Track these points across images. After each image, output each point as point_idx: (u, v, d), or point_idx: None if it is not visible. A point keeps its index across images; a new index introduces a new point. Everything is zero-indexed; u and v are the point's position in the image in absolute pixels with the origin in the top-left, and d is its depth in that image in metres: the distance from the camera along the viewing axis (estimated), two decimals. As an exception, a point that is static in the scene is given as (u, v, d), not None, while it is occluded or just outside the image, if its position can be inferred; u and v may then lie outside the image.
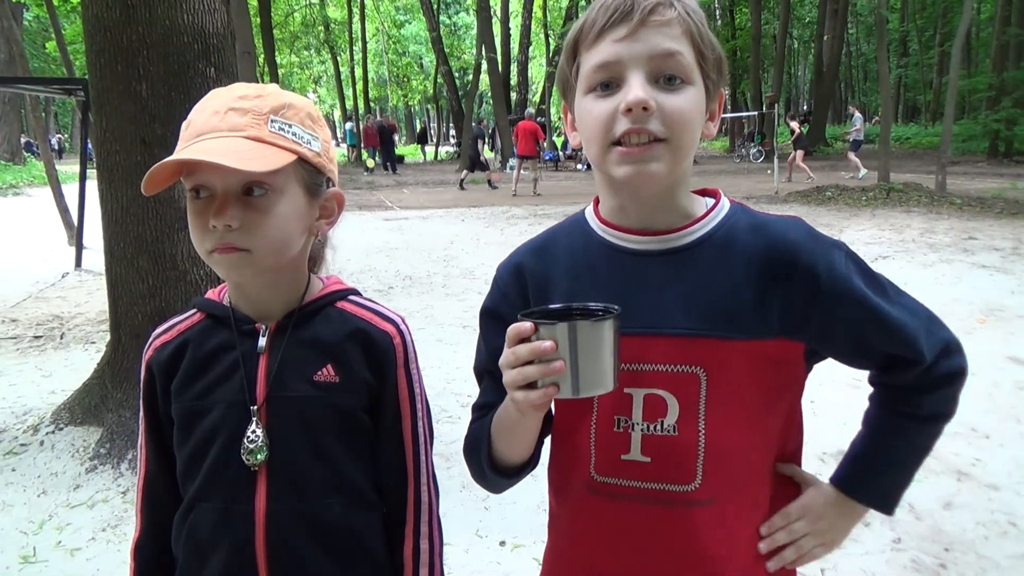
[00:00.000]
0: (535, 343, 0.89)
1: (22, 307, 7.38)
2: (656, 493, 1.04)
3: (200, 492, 1.14)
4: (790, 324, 1.02)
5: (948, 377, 1.09)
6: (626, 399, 1.04)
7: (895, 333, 1.04)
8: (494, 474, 1.12)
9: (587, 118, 1.02)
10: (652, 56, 0.97)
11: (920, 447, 1.13)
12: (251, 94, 1.09)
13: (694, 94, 0.99)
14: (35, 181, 23.95)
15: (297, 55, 38.54)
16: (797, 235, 1.05)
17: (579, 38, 1.03)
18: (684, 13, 0.99)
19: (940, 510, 3.16)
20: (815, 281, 1.01)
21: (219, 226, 1.03)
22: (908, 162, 22.92)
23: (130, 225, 3.63)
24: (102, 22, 3.49)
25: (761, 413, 1.06)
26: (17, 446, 3.89)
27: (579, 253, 1.11)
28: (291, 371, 1.14)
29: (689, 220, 1.07)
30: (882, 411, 1.14)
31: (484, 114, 54.17)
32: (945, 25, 33.42)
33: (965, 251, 8.80)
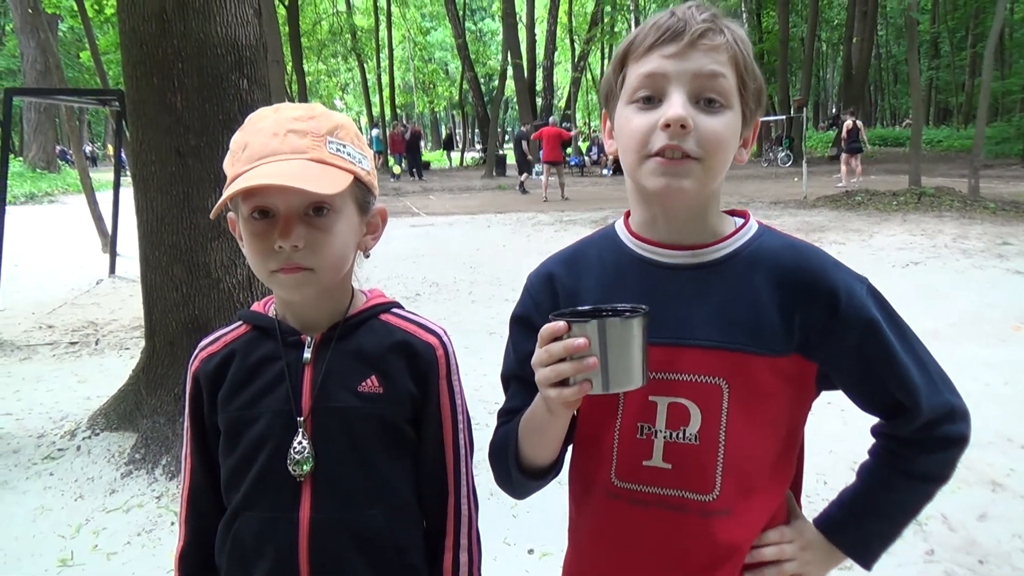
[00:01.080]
0: (569, 340, 0.93)
1: (58, 313, 7.53)
2: (675, 500, 1.07)
3: (245, 501, 1.16)
4: (807, 343, 1.05)
5: (947, 441, 1.09)
6: (651, 407, 1.07)
7: (899, 375, 1.06)
8: (520, 476, 1.14)
9: (626, 128, 1.05)
10: (696, 75, 1.00)
11: (908, 506, 1.13)
12: (304, 115, 1.11)
13: (731, 119, 1.03)
14: (69, 189, 24.42)
15: (324, 63, 38.90)
16: (823, 259, 1.09)
17: (628, 51, 1.06)
18: (732, 41, 1.02)
19: (974, 521, 3.11)
20: (835, 303, 1.04)
21: (286, 247, 1.06)
22: (940, 165, 22.58)
23: (165, 234, 3.70)
24: (138, 35, 3.57)
25: (779, 429, 1.09)
26: (55, 451, 3.97)
27: (609, 265, 1.14)
28: (336, 382, 1.16)
29: (718, 237, 1.10)
30: (877, 463, 1.15)
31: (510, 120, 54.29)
32: (977, 26, 32.93)
33: (999, 256, 8.65)
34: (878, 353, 1.06)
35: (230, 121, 3.65)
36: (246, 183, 1.03)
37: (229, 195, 1.04)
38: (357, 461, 1.15)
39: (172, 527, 3.25)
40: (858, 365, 1.07)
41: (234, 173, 1.08)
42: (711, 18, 1.02)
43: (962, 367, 4.94)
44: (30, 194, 21.45)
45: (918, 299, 6.69)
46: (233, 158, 1.10)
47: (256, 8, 3.78)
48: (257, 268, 1.12)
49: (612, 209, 15.13)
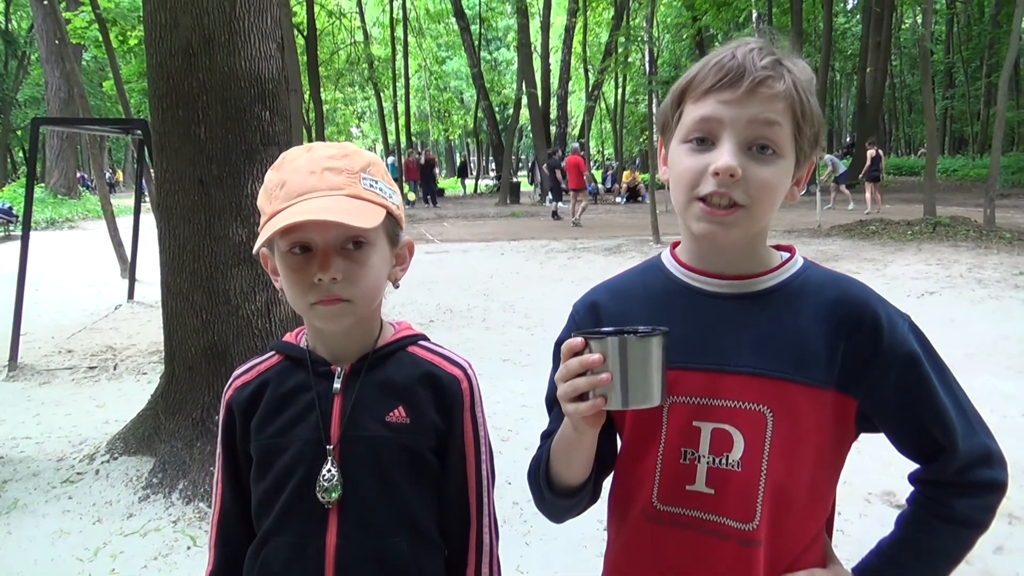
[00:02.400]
0: (584, 356, 0.96)
1: (77, 338, 7.62)
2: (716, 526, 1.08)
3: (274, 527, 1.19)
4: (847, 377, 1.06)
5: (984, 486, 1.09)
6: (694, 432, 1.08)
7: (937, 413, 1.07)
8: (550, 494, 1.16)
9: (678, 167, 1.08)
10: (750, 123, 1.02)
11: (947, 553, 1.11)
12: (338, 154, 1.17)
13: (783, 166, 1.05)
14: (89, 215, 24.76)
15: (341, 91, 39.39)
16: (868, 294, 1.11)
17: (687, 88, 1.08)
18: (792, 87, 1.03)
19: (991, 555, 3.09)
20: (877, 337, 1.06)
21: (326, 279, 1.10)
22: (955, 195, 22.51)
23: (186, 261, 3.77)
24: (165, 69, 3.67)
25: (819, 463, 1.09)
26: (74, 475, 4.02)
27: (656, 293, 1.17)
28: (364, 411, 1.19)
29: (765, 269, 1.13)
30: (915, 510, 1.14)
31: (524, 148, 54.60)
32: (992, 56, 32.95)
33: (1016, 287, 8.60)
34: (917, 389, 1.06)
35: (252, 152, 3.73)
36: (292, 219, 1.07)
37: (274, 231, 1.08)
38: (383, 489, 1.18)
39: (189, 551, 3.28)
40: (897, 400, 1.07)
41: (272, 210, 1.12)
42: (772, 65, 1.03)
43: (979, 398, 4.86)
44: (51, 220, 21.76)
45: (934, 329, 6.59)
46: (269, 196, 1.14)
47: (279, 43, 3.88)
48: (296, 301, 1.16)
49: (625, 237, 15.17)
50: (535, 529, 3.40)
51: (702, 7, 31.88)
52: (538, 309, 8.21)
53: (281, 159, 1.18)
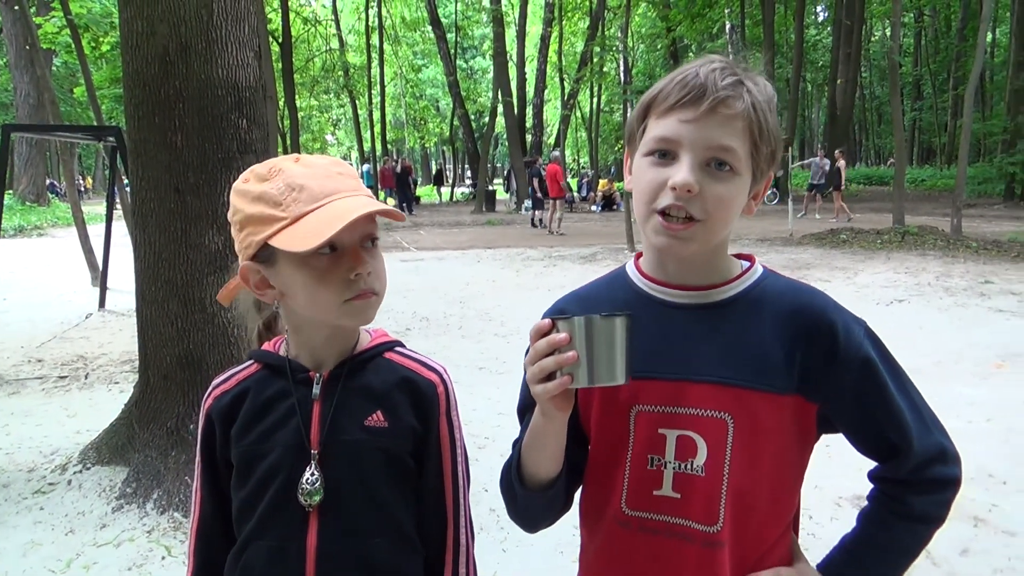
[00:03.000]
0: (551, 336, 1.00)
1: (47, 347, 7.51)
2: (681, 528, 1.12)
3: (255, 531, 1.20)
4: (806, 382, 1.10)
5: (940, 482, 1.14)
6: (660, 439, 1.12)
7: (893, 415, 1.12)
8: (523, 490, 1.18)
9: (641, 179, 1.12)
10: (708, 146, 1.06)
11: (906, 547, 1.17)
12: (332, 162, 1.21)
13: (739, 183, 1.09)
14: (59, 222, 24.39)
15: (317, 99, 39.23)
16: (825, 301, 1.15)
17: (652, 103, 1.12)
18: (751, 108, 1.07)
19: (957, 556, 3.16)
20: (834, 344, 1.10)
21: (364, 273, 1.14)
22: (923, 204, 22.93)
23: (162, 270, 3.75)
24: (141, 77, 3.66)
25: (780, 466, 1.14)
26: (45, 485, 3.97)
27: (621, 303, 1.18)
28: (344, 416, 1.21)
29: (726, 279, 1.17)
30: (875, 507, 1.19)
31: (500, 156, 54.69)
32: (958, 69, 33.65)
33: (982, 295, 8.79)
34: (873, 392, 1.11)
35: (229, 159, 3.73)
36: (360, 209, 1.10)
37: (349, 221, 1.08)
38: (363, 492, 1.21)
39: (164, 561, 3.26)
40: (854, 404, 1.12)
41: (296, 213, 1.12)
42: (733, 85, 1.06)
43: (946, 404, 5.01)
44: (19, 227, 21.41)
45: (902, 336, 6.78)
46: (281, 202, 1.13)
47: (256, 51, 3.88)
48: (326, 301, 1.15)
49: (601, 245, 15.27)
50: (512, 536, 3.42)
51: (676, 18, 32.23)
52: (514, 317, 8.24)
53: (268, 169, 1.17)
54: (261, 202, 1.14)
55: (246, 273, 1.22)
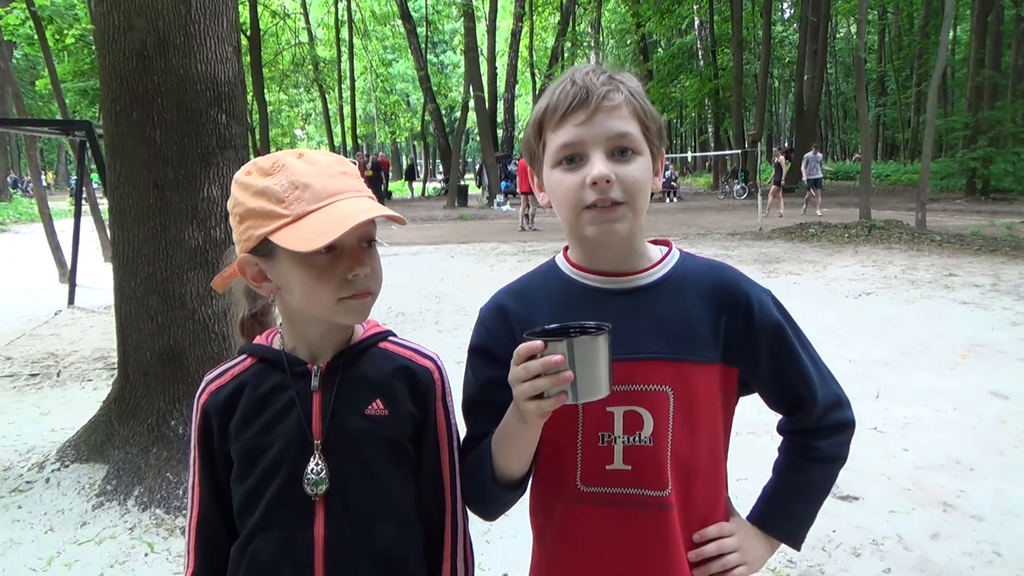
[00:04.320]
0: (546, 357, 1.03)
1: (16, 345, 7.40)
2: (636, 498, 1.21)
3: (261, 523, 1.22)
4: (729, 350, 1.23)
5: (839, 426, 1.31)
6: (608, 416, 1.20)
7: (800, 372, 1.27)
8: (497, 489, 1.23)
9: (558, 189, 1.20)
10: (608, 137, 1.16)
11: (819, 487, 1.34)
12: (335, 160, 1.22)
13: (643, 162, 1.19)
14: (22, 218, 23.93)
15: (286, 93, 38.85)
16: (738, 275, 1.29)
17: (543, 119, 1.22)
18: (629, 95, 1.19)
19: (928, 541, 3.26)
20: (749, 313, 1.24)
21: (362, 274, 1.16)
22: (888, 199, 23.35)
23: (141, 265, 3.73)
24: (119, 71, 3.63)
25: (713, 430, 1.25)
26: (23, 483, 3.93)
27: (556, 296, 1.27)
28: (344, 406, 1.23)
29: (649, 263, 1.27)
30: (787, 456, 1.35)
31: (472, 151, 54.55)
32: (921, 66, 34.25)
33: (946, 288, 9.01)
34: (784, 354, 1.26)
35: (208, 155, 3.71)
36: (365, 214, 1.12)
37: (352, 226, 1.10)
38: (367, 480, 1.23)
39: (147, 558, 3.25)
40: (768, 364, 1.26)
41: (298, 212, 1.13)
42: (608, 80, 1.18)
43: (914, 394, 5.15)
44: (-19, 223, 20.99)
45: (871, 329, 6.94)
46: (283, 199, 1.14)
47: (235, 46, 3.86)
48: (322, 298, 1.17)
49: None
50: (495, 527, 3.46)
51: (646, 14, 32.43)
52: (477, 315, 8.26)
53: (272, 164, 1.18)
54: (263, 197, 1.15)
55: (243, 265, 1.23)
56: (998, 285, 9.06)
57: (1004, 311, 7.68)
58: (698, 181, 42.86)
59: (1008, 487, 3.74)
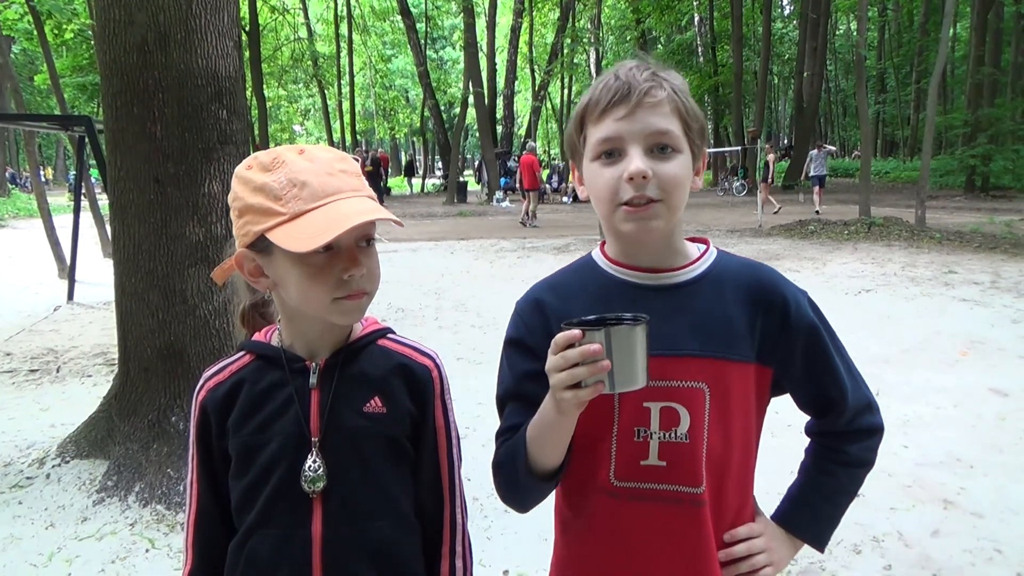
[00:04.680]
0: (584, 347, 1.02)
1: (15, 341, 7.39)
2: (670, 494, 1.20)
3: (259, 520, 1.21)
4: (764, 350, 1.23)
5: (868, 431, 1.32)
6: (645, 412, 1.20)
7: (832, 374, 1.27)
8: (531, 480, 1.22)
9: (597, 182, 1.21)
10: (648, 133, 1.16)
11: (845, 490, 1.34)
12: (336, 157, 1.20)
13: (683, 160, 1.19)
14: (20, 213, 23.89)
15: (285, 89, 38.78)
16: (775, 275, 1.29)
17: (585, 113, 1.22)
18: (672, 92, 1.19)
19: (928, 538, 3.26)
20: (786, 313, 1.24)
21: (357, 275, 1.15)
22: (888, 196, 23.34)
23: (142, 261, 3.72)
24: (119, 66, 3.62)
25: (746, 428, 1.25)
26: (23, 479, 3.92)
27: (593, 291, 1.27)
28: (343, 404, 1.23)
29: (686, 261, 1.27)
30: (815, 458, 1.36)
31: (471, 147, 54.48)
32: (921, 63, 34.24)
33: (946, 285, 9.01)
34: (818, 355, 1.26)
35: (209, 150, 3.70)
36: (361, 216, 1.11)
37: (348, 228, 1.09)
38: (365, 477, 1.23)
39: (148, 554, 3.25)
40: (802, 365, 1.26)
41: (295, 211, 1.12)
42: (651, 77, 1.18)
43: (914, 391, 5.15)
44: (-20, 218, 20.96)
45: (870, 326, 6.94)
46: (279, 197, 1.13)
47: (236, 41, 3.85)
48: (317, 297, 1.16)
49: (574, 236, 15.34)
50: (495, 524, 3.46)
51: (646, 10, 32.38)
52: (490, 308, 8.26)
53: (272, 159, 1.17)
54: (262, 193, 1.14)
55: (241, 260, 1.22)
56: (998, 282, 9.06)
57: (1004, 308, 7.68)
58: (697, 178, 42.79)
59: (1008, 484, 3.74)
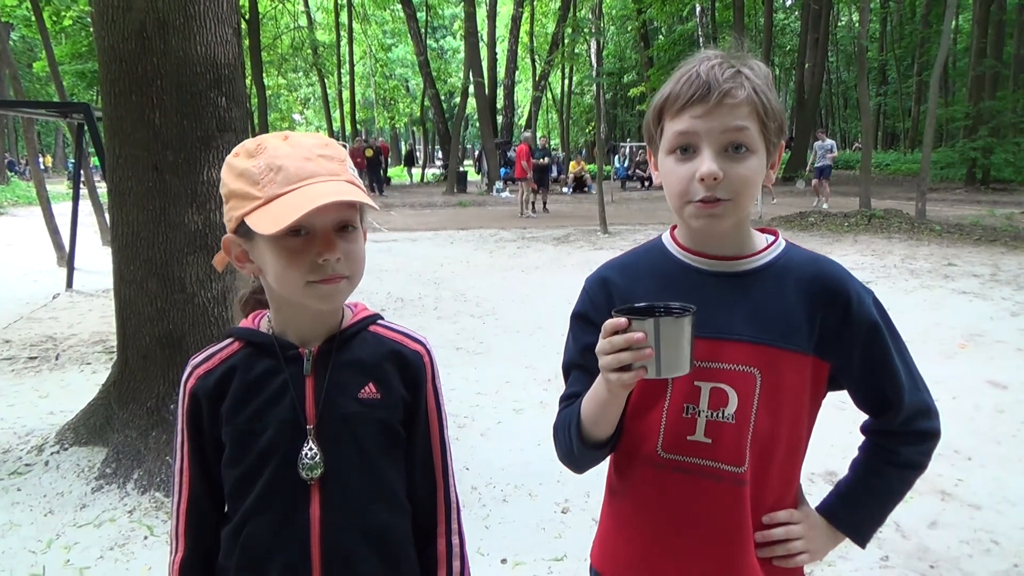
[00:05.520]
0: (630, 334, 1.08)
1: (14, 328, 7.38)
2: (712, 470, 1.24)
3: (256, 506, 1.22)
4: (823, 343, 1.24)
5: (923, 434, 1.31)
6: (695, 390, 1.24)
7: (891, 374, 1.27)
8: (583, 448, 1.29)
9: (670, 177, 1.24)
10: (723, 132, 1.18)
11: (894, 491, 1.33)
12: (320, 143, 1.20)
13: (756, 161, 1.21)
14: (19, 200, 23.84)
15: (285, 77, 38.66)
16: (840, 272, 1.29)
17: (664, 106, 1.23)
18: (752, 92, 1.18)
19: (925, 529, 3.27)
20: (848, 309, 1.24)
21: (332, 260, 1.14)
22: (888, 188, 23.32)
23: (140, 249, 3.71)
24: (117, 53, 3.60)
25: (796, 417, 1.27)
26: (22, 466, 3.93)
27: (659, 272, 1.32)
28: (338, 391, 1.24)
29: (754, 250, 1.29)
30: (867, 456, 1.35)
31: (471, 137, 54.39)
32: (923, 55, 34.13)
33: (945, 277, 9.01)
34: (877, 354, 1.26)
35: (208, 138, 3.69)
36: (320, 200, 1.09)
37: (304, 213, 1.08)
38: (361, 462, 1.24)
39: (146, 541, 3.25)
40: (861, 363, 1.26)
41: (270, 195, 1.12)
42: (732, 76, 1.18)
43: (912, 383, 5.16)
44: (-22, 206, 20.93)
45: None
46: (257, 181, 1.14)
47: (235, 28, 3.83)
48: (291, 281, 1.16)
49: (573, 227, 15.33)
50: (494, 513, 3.47)
51: (647, 0, 32.23)
52: (489, 298, 8.26)
53: (256, 146, 1.18)
54: (243, 179, 1.16)
55: (228, 245, 1.24)
56: (997, 275, 9.07)
57: (1003, 301, 7.69)
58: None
59: (1005, 476, 3.75)
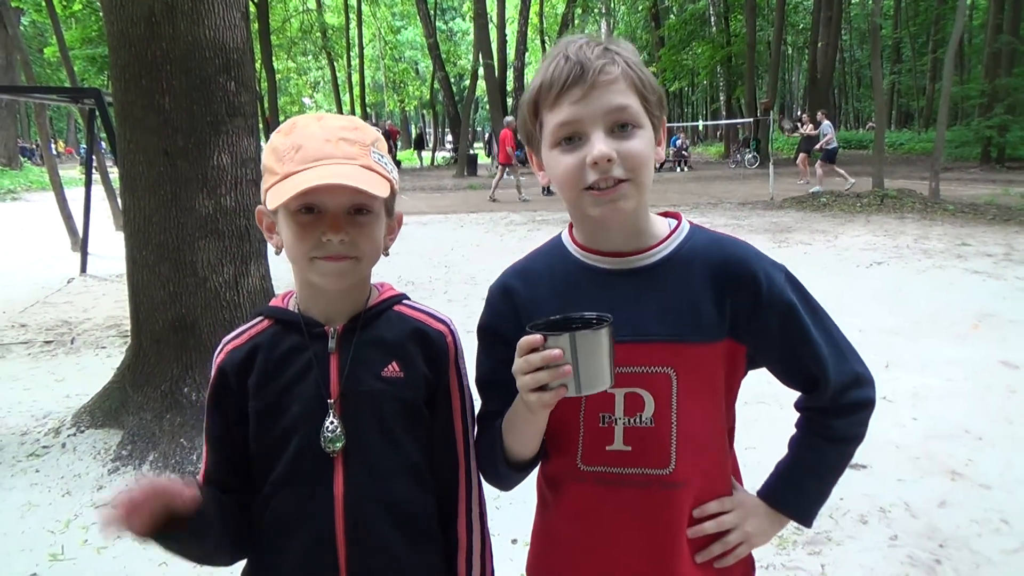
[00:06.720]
0: (546, 352, 1.03)
1: (30, 312, 7.47)
2: (636, 477, 1.20)
3: (282, 478, 1.26)
4: (736, 327, 1.20)
5: (856, 405, 1.26)
6: (609, 398, 1.20)
7: (812, 351, 1.23)
8: (508, 470, 1.26)
9: (558, 169, 1.17)
10: (607, 113, 1.12)
11: (833, 466, 1.30)
12: (349, 126, 1.23)
13: (645, 135, 1.16)
14: (32, 186, 23.99)
15: (294, 60, 38.60)
16: (747, 251, 1.24)
17: (539, 98, 1.18)
18: (626, 66, 1.14)
19: (935, 508, 3.28)
20: (757, 291, 1.19)
21: (335, 240, 1.17)
22: (901, 168, 23.10)
23: (152, 233, 3.74)
24: (127, 38, 3.61)
25: (719, 405, 1.25)
26: (39, 448, 3.99)
27: (559, 274, 1.26)
28: (362, 368, 1.27)
29: (654, 241, 1.24)
30: (802, 434, 1.32)
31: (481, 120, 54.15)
32: (938, 32, 33.68)
33: (958, 257, 8.94)
34: (795, 333, 1.22)
35: (218, 123, 3.70)
36: (315, 181, 1.13)
37: (297, 191, 1.13)
38: (383, 438, 1.27)
39: (162, 521, 3.30)
40: (778, 344, 1.23)
41: (286, 171, 1.17)
42: (603, 52, 1.14)
43: (925, 363, 5.14)
44: (-8, 191, 21.07)
45: (882, 298, 6.91)
46: (281, 158, 1.19)
47: (243, 12, 3.83)
48: (298, 254, 1.22)
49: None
50: (504, 494, 3.49)
51: (658, -21, 31.91)
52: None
53: (291, 125, 1.23)
54: (273, 154, 1.21)
55: (260, 215, 1.30)
56: (1011, 255, 8.99)
57: (1017, 281, 7.63)
58: (709, 150, 42.49)
59: (1016, 456, 3.74)
